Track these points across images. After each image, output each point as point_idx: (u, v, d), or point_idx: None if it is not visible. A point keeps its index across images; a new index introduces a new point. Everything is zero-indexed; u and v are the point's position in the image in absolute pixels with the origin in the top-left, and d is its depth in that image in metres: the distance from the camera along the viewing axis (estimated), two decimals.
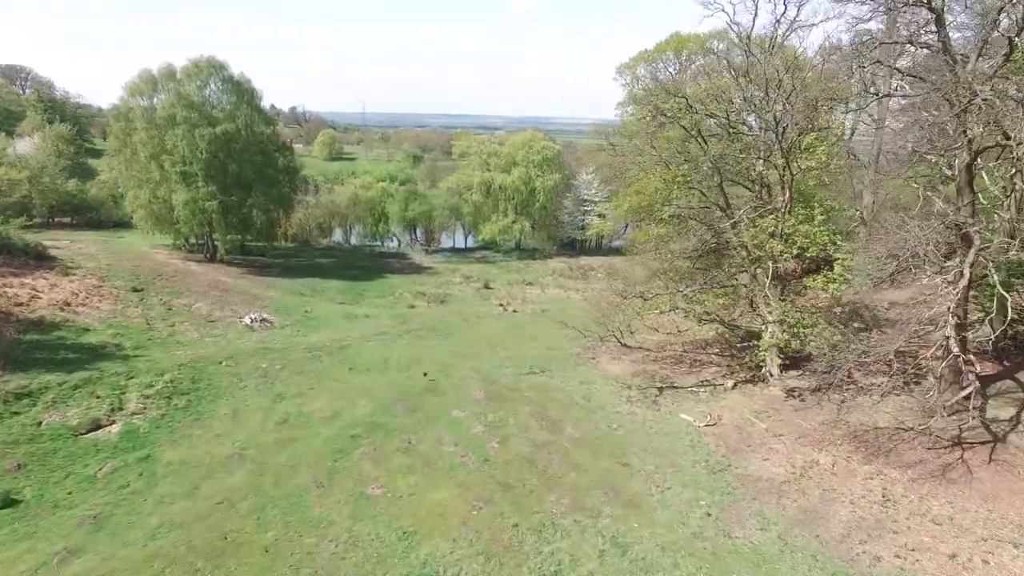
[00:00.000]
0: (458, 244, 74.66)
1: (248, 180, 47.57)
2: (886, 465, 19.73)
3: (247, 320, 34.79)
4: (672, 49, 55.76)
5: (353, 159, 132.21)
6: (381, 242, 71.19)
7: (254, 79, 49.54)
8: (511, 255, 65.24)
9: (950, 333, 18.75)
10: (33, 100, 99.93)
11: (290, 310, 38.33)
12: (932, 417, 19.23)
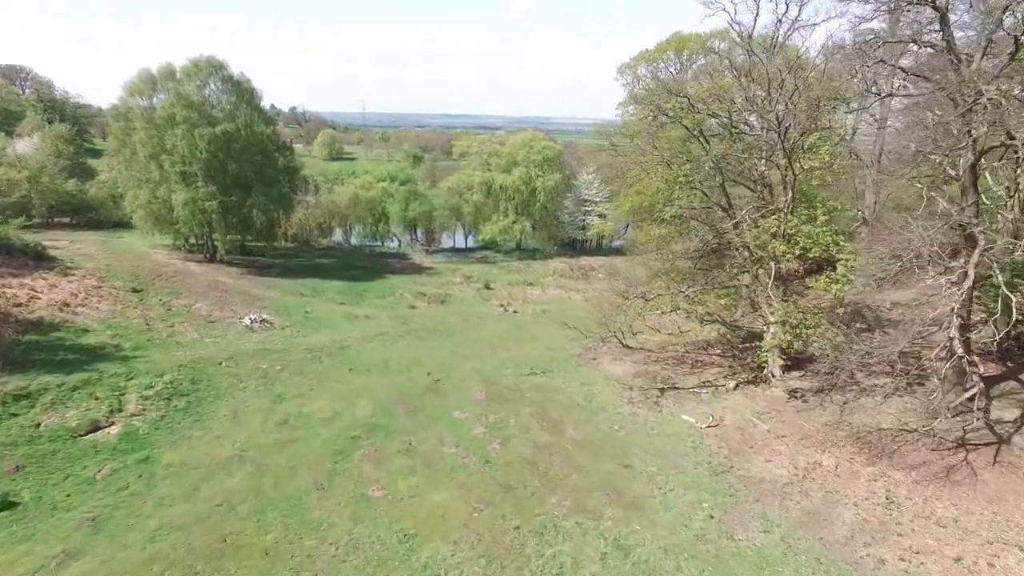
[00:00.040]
0: (458, 244, 74.52)
1: (248, 180, 47.42)
2: (890, 467, 19.63)
3: (247, 321, 34.67)
4: (673, 49, 55.62)
5: (353, 159, 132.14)
6: (381, 242, 71.06)
7: (254, 79, 49.46)
8: (511, 255, 65.11)
9: (954, 334, 18.65)
10: (33, 100, 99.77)
11: (290, 311, 38.20)
12: (936, 418, 19.11)
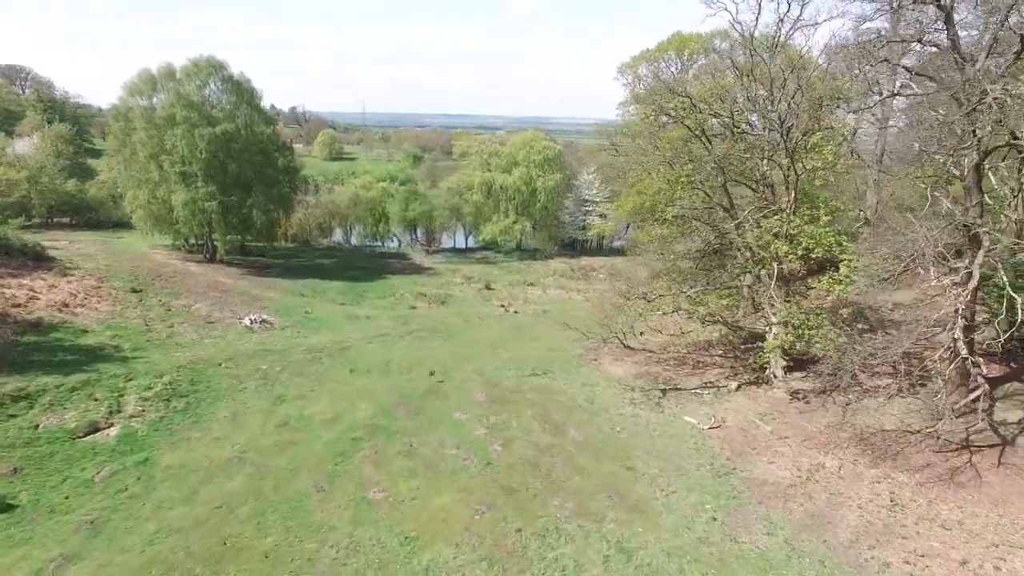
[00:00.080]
0: (459, 244, 74.40)
1: (248, 180, 47.31)
2: (893, 468, 19.51)
3: (247, 321, 34.54)
4: (674, 48, 55.52)
5: (353, 159, 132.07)
6: (381, 242, 70.96)
7: (254, 79, 49.37)
8: (512, 255, 64.98)
9: (958, 335, 18.53)
10: (33, 100, 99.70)
11: (290, 311, 38.07)
12: (940, 420, 18.98)
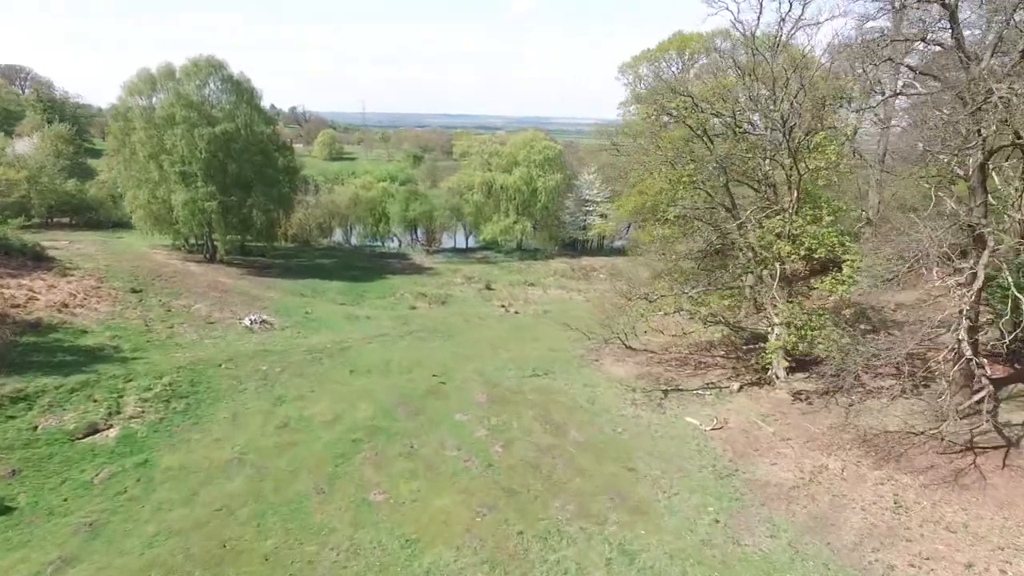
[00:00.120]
0: (459, 244, 74.31)
1: (248, 180, 47.21)
2: (897, 470, 19.38)
3: (247, 322, 34.43)
4: (675, 48, 55.40)
5: (353, 159, 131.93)
6: (382, 242, 70.87)
7: (254, 79, 49.28)
8: (512, 255, 64.88)
9: (963, 336, 18.39)
10: (32, 100, 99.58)
11: (290, 311, 37.97)
12: (944, 421, 18.85)
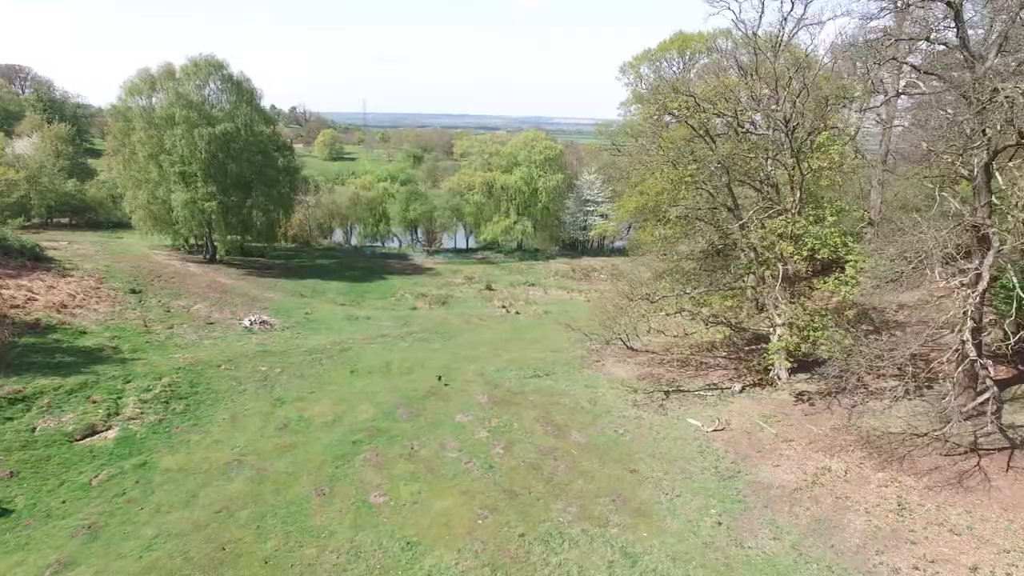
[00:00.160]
0: (459, 245, 74.25)
1: (248, 180, 47.16)
2: (900, 472, 19.23)
3: (247, 322, 34.32)
4: (676, 48, 55.29)
5: (354, 159, 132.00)
6: (382, 243, 70.83)
7: (254, 79, 49.23)
8: (513, 256, 64.82)
9: (967, 337, 18.27)
10: (32, 100, 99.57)
11: (290, 312, 37.86)
12: (948, 423, 18.72)
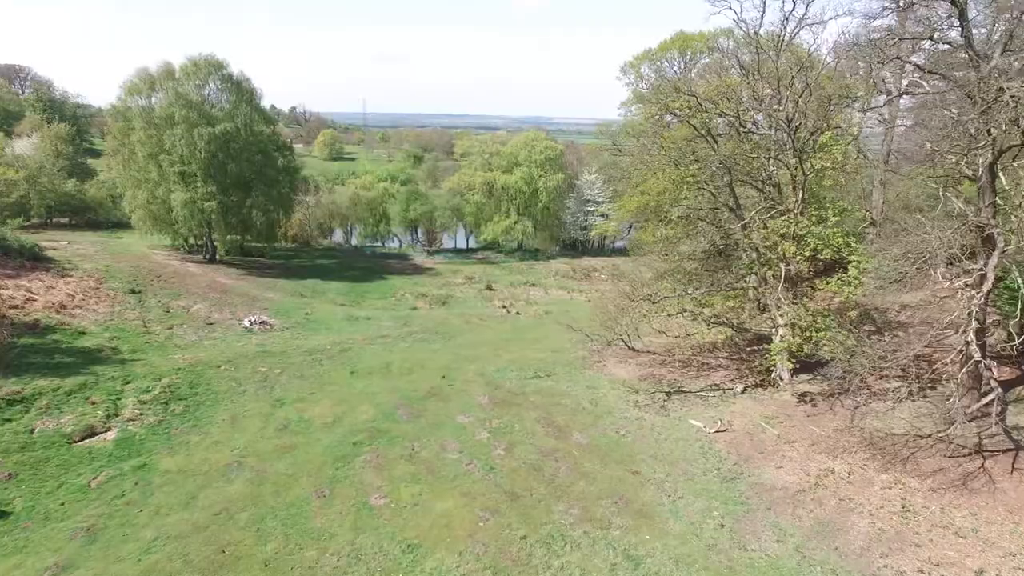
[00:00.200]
0: (460, 245, 74.15)
1: (248, 180, 47.07)
2: (904, 474, 19.12)
3: (246, 323, 34.22)
4: (677, 48, 55.20)
5: (354, 159, 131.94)
6: (382, 243, 70.75)
7: (254, 79, 49.13)
8: (513, 256, 64.72)
9: (971, 338, 18.16)
10: (32, 100, 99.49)
11: (290, 312, 37.75)
12: (952, 424, 18.60)
